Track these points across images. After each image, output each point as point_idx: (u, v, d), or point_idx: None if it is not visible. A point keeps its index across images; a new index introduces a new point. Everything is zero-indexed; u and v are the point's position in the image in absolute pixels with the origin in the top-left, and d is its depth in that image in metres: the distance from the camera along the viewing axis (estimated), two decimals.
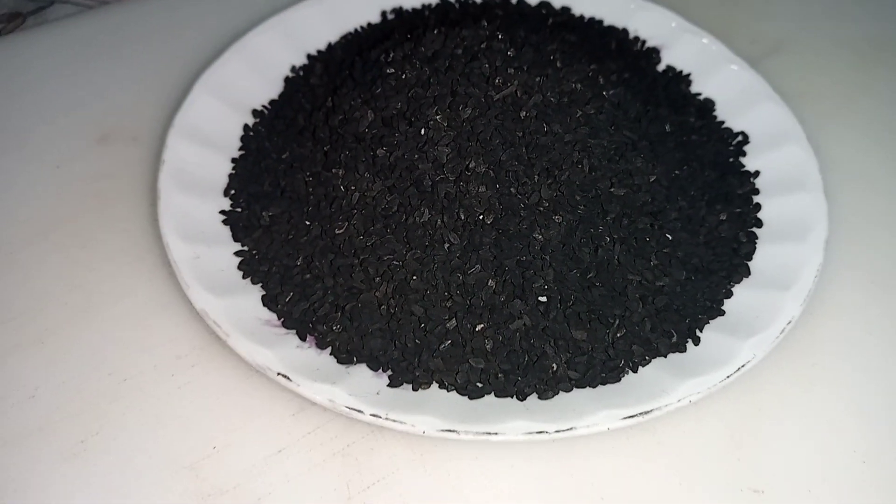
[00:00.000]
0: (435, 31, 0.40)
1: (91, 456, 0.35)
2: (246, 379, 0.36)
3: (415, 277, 0.35)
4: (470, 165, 0.35)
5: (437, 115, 0.36)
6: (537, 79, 0.37)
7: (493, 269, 0.34)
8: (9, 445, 0.35)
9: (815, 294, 0.38)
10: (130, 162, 0.46)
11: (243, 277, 0.37)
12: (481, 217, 0.35)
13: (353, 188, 0.36)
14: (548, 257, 0.35)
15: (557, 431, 0.31)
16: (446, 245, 0.35)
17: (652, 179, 0.37)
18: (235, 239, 0.39)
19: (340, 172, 0.37)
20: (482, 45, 0.39)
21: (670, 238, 0.37)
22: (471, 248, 0.35)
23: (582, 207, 0.35)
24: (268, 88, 0.46)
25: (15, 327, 0.39)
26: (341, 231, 0.36)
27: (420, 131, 0.36)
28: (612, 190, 0.36)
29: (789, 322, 0.35)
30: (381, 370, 0.34)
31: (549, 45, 0.41)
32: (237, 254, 0.38)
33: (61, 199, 0.44)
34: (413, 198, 0.35)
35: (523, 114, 0.36)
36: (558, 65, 0.39)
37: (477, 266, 0.34)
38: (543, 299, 0.34)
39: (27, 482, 0.34)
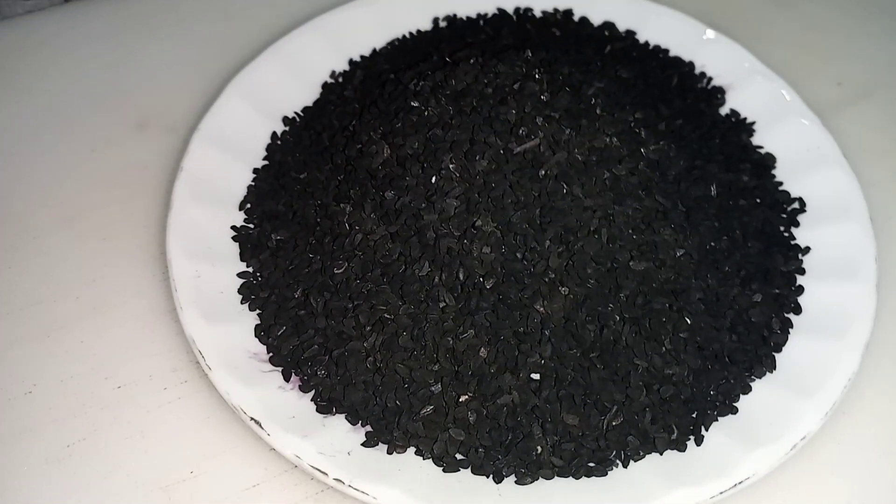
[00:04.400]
0: (471, 62, 0.38)
1: (74, 463, 0.35)
2: None
3: (404, 334, 0.33)
4: (477, 223, 0.33)
5: (451, 163, 0.34)
6: (567, 131, 0.34)
7: (486, 338, 0.32)
8: (1, 442, 0.36)
9: (843, 400, 0.34)
10: (163, 153, 0.45)
11: (241, 302, 0.37)
12: (481, 279, 0.33)
13: (357, 227, 0.35)
14: (548, 332, 0.32)
15: None
16: (441, 304, 0.33)
17: (679, 253, 0.34)
18: (242, 258, 0.38)
19: (348, 209, 0.36)
20: (515, 85, 0.36)
21: (689, 322, 0.34)
22: (466, 312, 0.33)
23: (593, 281, 0.33)
24: (305, 94, 0.45)
25: (26, 317, 0.39)
26: (340, 271, 0.35)
27: (431, 178, 0.34)
28: (630, 263, 0.33)
29: (804, 437, 0.32)
30: (359, 424, 0.33)
31: (596, 83, 0.38)
32: (240, 275, 0.38)
33: (91, 186, 0.44)
34: (414, 249, 0.33)
35: (542, 172, 0.33)
36: (598, 111, 0.36)
37: (470, 331, 0.32)
38: (536, 376, 0.32)
39: (11, 482, 0.35)
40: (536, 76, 0.37)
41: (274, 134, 0.43)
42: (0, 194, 0.44)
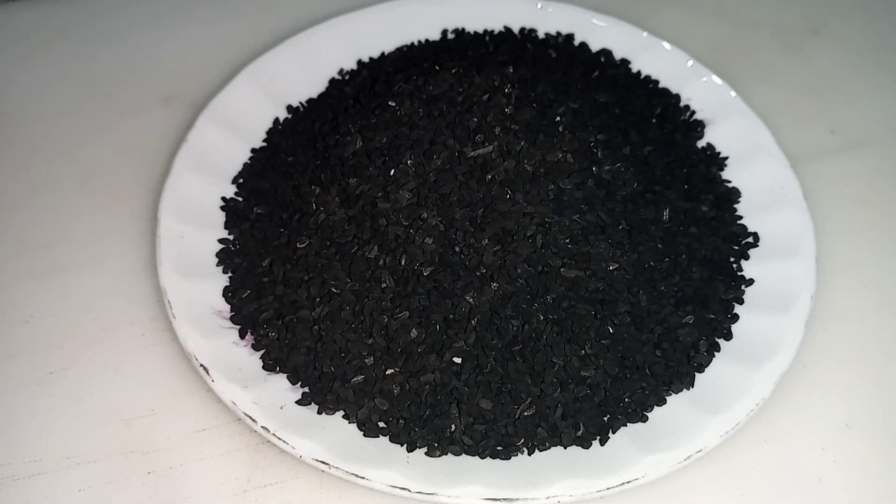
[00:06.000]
0: (452, 71, 0.41)
1: (53, 387, 0.40)
2: None
3: (347, 308, 0.36)
4: (424, 216, 0.36)
5: (410, 159, 0.37)
6: (522, 143, 0.37)
7: (419, 319, 0.35)
8: None
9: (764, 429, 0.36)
10: (181, 126, 0.49)
11: (217, 265, 0.40)
12: (420, 267, 0.36)
13: (322, 208, 0.38)
14: (474, 321, 0.35)
15: (419, 493, 0.33)
16: (383, 285, 0.36)
17: (613, 267, 0.37)
18: (226, 226, 0.42)
19: (317, 190, 0.39)
20: (484, 97, 0.39)
21: (612, 331, 0.36)
22: (403, 294, 0.36)
23: (522, 281, 0.35)
24: (312, 86, 0.49)
25: (36, 257, 0.44)
26: (302, 246, 0.38)
27: (390, 171, 0.37)
28: (561, 270, 0.36)
29: (699, 451, 0.34)
30: (298, 385, 0.37)
31: (570, 103, 0.41)
32: (221, 241, 0.41)
33: (113, 149, 0.49)
34: (366, 232, 0.37)
35: (489, 177, 0.36)
36: (560, 129, 0.39)
37: (405, 313, 0.35)
38: (459, 360, 0.35)
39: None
40: (506, 90, 0.39)
41: (276, 119, 0.47)
42: (33, 147, 0.49)
